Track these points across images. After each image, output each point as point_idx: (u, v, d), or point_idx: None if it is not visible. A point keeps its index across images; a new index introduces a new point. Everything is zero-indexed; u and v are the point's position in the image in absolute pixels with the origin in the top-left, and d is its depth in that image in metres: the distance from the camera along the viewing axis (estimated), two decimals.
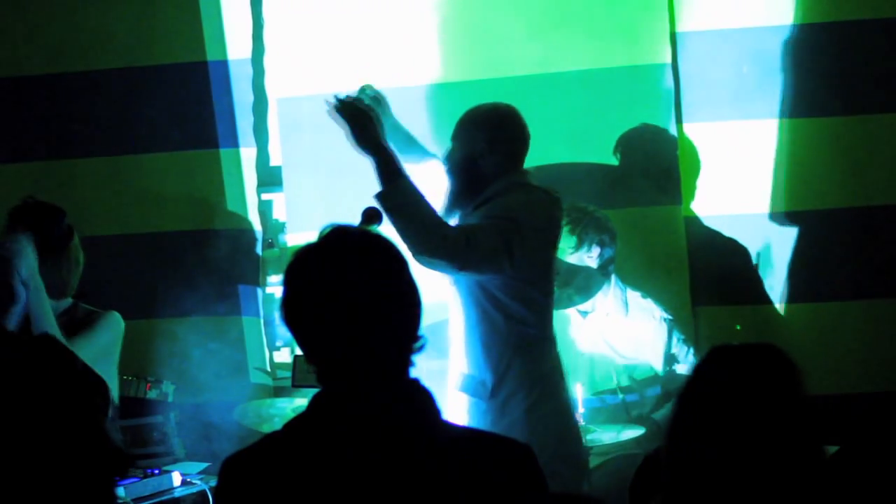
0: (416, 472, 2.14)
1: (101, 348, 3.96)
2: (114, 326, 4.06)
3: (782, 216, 4.97)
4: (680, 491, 2.49)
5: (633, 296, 4.84)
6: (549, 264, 4.06)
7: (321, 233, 2.25)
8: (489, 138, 3.98)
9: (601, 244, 4.74)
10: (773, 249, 4.98)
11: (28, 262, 3.73)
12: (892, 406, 4.75)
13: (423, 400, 2.20)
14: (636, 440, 4.52)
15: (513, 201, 3.95)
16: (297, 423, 2.21)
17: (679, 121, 4.97)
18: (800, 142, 4.94)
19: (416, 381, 2.21)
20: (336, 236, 2.23)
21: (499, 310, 3.93)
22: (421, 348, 2.22)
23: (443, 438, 2.19)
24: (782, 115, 4.93)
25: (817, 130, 4.92)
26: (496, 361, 3.94)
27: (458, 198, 4.03)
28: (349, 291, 2.16)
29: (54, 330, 3.68)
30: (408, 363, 2.21)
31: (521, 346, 3.95)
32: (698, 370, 2.61)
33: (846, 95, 4.91)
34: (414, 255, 3.75)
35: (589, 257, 4.75)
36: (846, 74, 4.91)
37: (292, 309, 2.21)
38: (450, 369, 4.05)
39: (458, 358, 4.03)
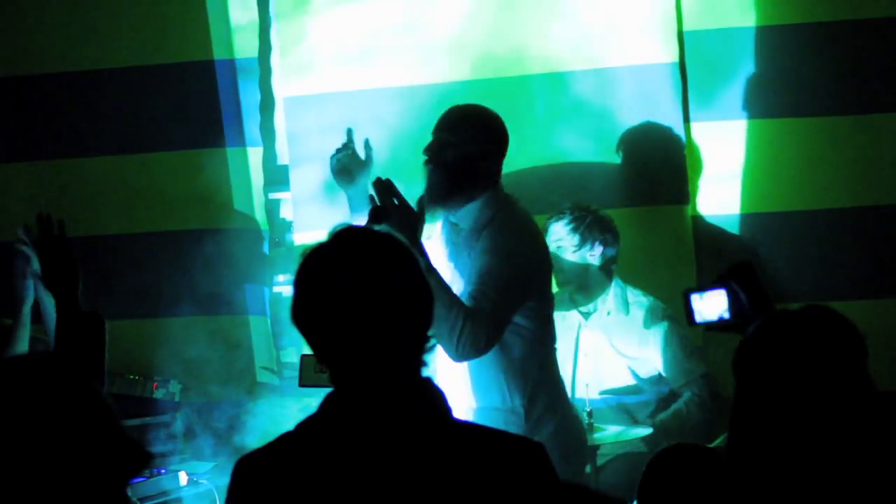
0: (429, 471, 2.14)
1: None
2: None
3: (789, 215, 4.96)
4: (747, 463, 2.50)
5: (634, 295, 4.83)
6: (551, 277, 4.04)
7: (330, 233, 2.24)
8: (487, 141, 3.90)
9: (604, 243, 4.74)
10: (779, 249, 4.97)
11: None
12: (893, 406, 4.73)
13: (435, 399, 2.20)
14: (641, 440, 4.52)
15: (521, 229, 3.89)
16: (311, 423, 2.21)
17: (686, 119, 4.96)
18: (807, 141, 4.93)
19: (428, 380, 2.21)
20: (346, 236, 2.23)
21: (519, 335, 3.84)
22: (432, 348, 2.21)
23: (456, 437, 2.20)
24: (790, 114, 4.91)
25: (824, 130, 4.90)
26: (522, 388, 3.85)
27: (446, 196, 3.89)
28: (360, 292, 2.15)
29: None
30: (419, 362, 2.20)
31: (544, 366, 3.92)
32: (758, 336, 2.59)
33: (854, 95, 4.89)
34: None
35: (591, 255, 4.75)
36: (854, 74, 4.89)
37: (303, 310, 2.20)
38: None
39: (458, 389, 3.87)
